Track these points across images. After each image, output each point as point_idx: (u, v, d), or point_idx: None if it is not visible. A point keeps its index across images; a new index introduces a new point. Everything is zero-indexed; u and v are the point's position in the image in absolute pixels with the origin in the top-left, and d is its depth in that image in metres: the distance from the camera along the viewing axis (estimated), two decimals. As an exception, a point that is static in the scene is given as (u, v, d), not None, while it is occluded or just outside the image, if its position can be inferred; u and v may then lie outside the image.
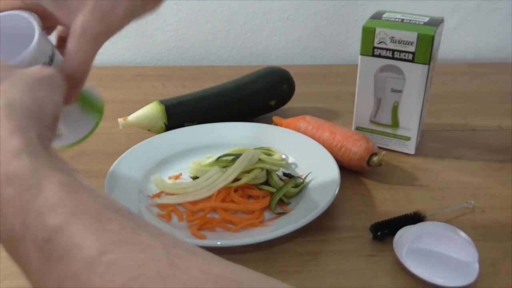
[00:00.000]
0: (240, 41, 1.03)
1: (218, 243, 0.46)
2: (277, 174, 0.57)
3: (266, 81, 0.73)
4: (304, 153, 0.62)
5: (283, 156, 0.63)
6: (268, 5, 1.00)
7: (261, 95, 0.73)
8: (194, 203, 0.54)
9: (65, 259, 0.25)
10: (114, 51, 1.03)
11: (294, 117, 0.68)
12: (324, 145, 0.62)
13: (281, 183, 0.56)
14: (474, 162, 0.64)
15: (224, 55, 1.05)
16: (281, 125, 0.69)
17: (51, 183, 0.27)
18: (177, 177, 0.60)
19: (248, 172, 0.55)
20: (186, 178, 0.59)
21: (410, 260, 0.45)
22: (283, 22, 1.01)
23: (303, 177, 0.58)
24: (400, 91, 0.63)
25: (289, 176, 0.59)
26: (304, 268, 0.47)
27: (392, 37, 0.60)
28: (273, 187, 0.56)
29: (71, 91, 0.39)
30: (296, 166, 0.61)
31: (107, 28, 0.39)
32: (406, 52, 0.60)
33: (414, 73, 0.61)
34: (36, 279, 0.26)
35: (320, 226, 0.52)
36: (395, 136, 0.66)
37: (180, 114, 0.69)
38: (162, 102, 0.69)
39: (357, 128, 0.68)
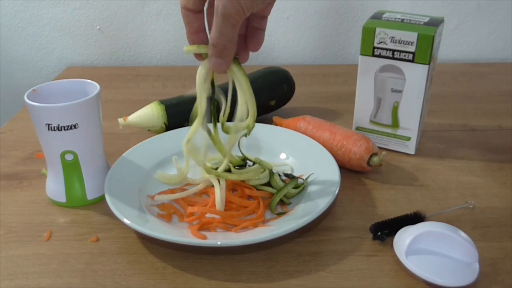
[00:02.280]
0: (240, 41, 1.03)
1: (218, 243, 0.46)
2: (278, 174, 0.57)
3: (266, 81, 0.73)
4: (304, 153, 0.62)
5: (283, 156, 0.63)
6: (268, 5, 1.00)
7: (261, 95, 0.73)
8: (191, 203, 0.54)
9: None
10: (114, 51, 1.03)
11: (294, 117, 0.68)
12: (324, 145, 0.62)
13: (282, 184, 0.56)
14: (474, 162, 0.64)
15: (224, 55, 1.05)
16: (281, 125, 0.69)
17: None
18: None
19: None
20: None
21: (410, 260, 0.45)
22: (283, 22, 1.01)
23: (303, 177, 0.58)
24: (400, 91, 0.63)
25: (289, 176, 0.59)
26: (304, 268, 0.47)
27: (392, 37, 0.60)
28: (274, 187, 0.56)
29: (218, 60, 0.46)
30: (296, 166, 0.61)
31: (239, 9, 0.43)
32: (406, 52, 0.60)
33: (414, 73, 0.61)
34: None
35: (320, 226, 0.52)
36: (395, 136, 0.66)
37: (180, 114, 0.69)
38: (162, 102, 0.69)
39: (357, 128, 0.68)
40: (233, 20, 0.43)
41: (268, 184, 0.56)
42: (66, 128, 0.52)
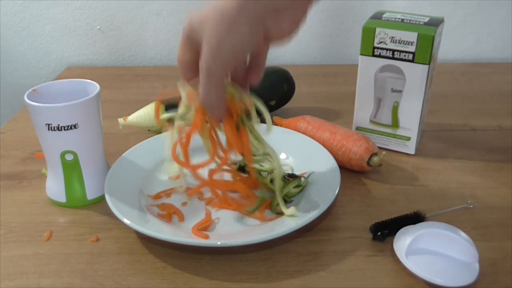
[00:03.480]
0: (240, 41, 1.03)
1: (218, 243, 0.46)
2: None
3: (266, 81, 0.73)
4: (304, 153, 0.62)
5: (283, 156, 0.63)
6: (268, 5, 1.00)
7: (261, 95, 0.73)
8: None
9: None
10: (114, 51, 1.03)
11: (294, 117, 0.68)
12: (324, 145, 0.62)
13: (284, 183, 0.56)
14: (474, 162, 0.64)
15: (224, 55, 1.04)
16: (281, 125, 0.69)
17: None
18: (177, 177, 0.60)
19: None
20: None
21: (410, 260, 0.45)
22: (283, 22, 1.01)
23: (305, 176, 0.58)
24: (400, 91, 0.63)
25: (291, 176, 0.58)
26: (304, 268, 0.47)
27: (392, 37, 0.60)
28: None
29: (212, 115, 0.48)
30: (296, 166, 0.61)
31: (221, 64, 0.43)
32: (406, 52, 0.60)
33: (414, 73, 0.61)
34: None
35: (320, 226, 0.52)
36: (395, 136, 0.66)
37: (180, 114, 0.69)
38: (162, 102, 0.69)
39: (357, 128, 0.68)
40: (218, 76, 0.44)
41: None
42: (66, 128, 0.52)
